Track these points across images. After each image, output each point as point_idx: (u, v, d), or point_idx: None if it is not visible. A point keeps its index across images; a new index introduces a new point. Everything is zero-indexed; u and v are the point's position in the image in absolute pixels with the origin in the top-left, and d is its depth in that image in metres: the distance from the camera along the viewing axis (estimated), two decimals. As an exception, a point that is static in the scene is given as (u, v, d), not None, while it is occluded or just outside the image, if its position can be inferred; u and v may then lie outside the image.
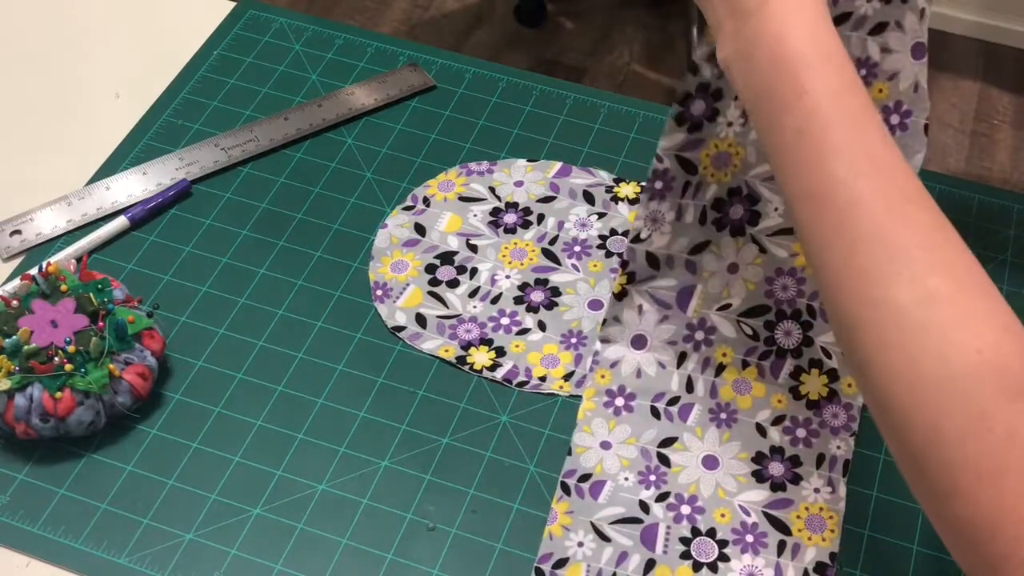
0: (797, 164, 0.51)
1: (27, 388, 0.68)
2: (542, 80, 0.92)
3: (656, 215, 0.69)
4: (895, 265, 0.48)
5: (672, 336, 0.72)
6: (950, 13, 2.11)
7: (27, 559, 0.66)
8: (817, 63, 0.51)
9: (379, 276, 0.79)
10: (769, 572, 0.65)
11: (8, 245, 0.80)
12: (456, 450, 0.71)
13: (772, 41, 0.51)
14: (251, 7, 0.97)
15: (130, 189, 0.83)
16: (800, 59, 0.51)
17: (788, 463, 0.69)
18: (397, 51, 0.94)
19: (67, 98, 0.91)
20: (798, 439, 0.70)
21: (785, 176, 0.52)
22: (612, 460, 0.69)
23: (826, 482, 0.69)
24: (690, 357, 0.72)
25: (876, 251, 0.48)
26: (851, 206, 0.49)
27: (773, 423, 0.71)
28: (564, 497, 0.68)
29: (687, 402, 0.71)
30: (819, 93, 0.50)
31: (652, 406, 0.71)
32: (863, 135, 0.50)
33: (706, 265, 0.71)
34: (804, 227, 0.51)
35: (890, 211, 0.49)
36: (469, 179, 0.85)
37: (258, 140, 0.87)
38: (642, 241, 0.70)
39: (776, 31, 0.51)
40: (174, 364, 0.74)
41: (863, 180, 0.49)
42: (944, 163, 1.88)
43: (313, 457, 0.70)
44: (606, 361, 0.73)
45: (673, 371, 0.72)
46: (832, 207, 0.49)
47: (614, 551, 0.66)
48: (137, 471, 0.70)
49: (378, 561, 0.66)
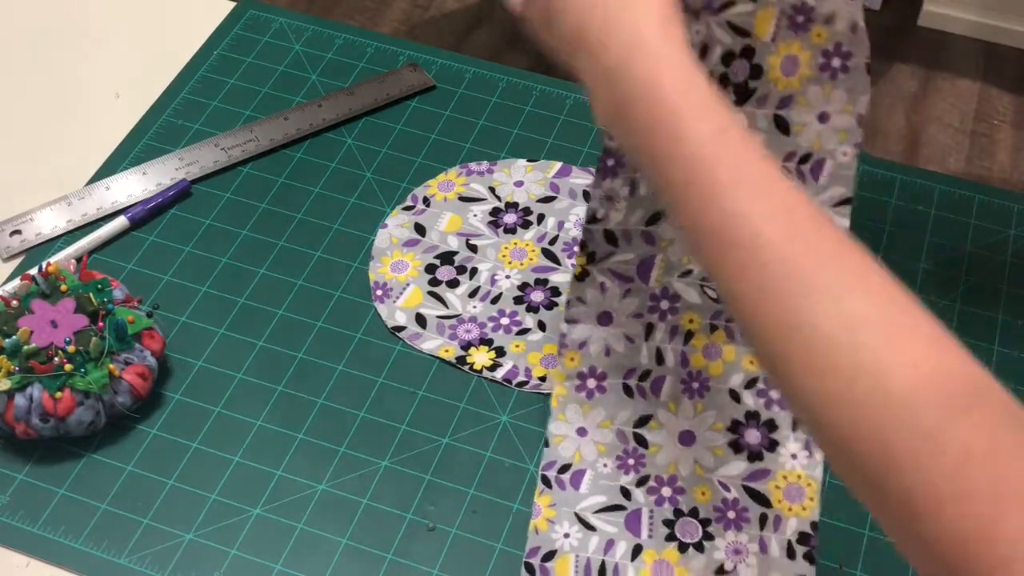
0: (693, 211, 0.50)
1: (27, 388, 0.68)
2: (542, 80, 0.92)
3: (611, 192, 0.68)
4: (810, 294, 0.47)
5: (637, 308, 0.71)
6: (950, 13, 2.11)
7: (27, 559, 0.66)
8: (690, 109, 0.50)
9: (379, 276, 0.79)
10: (754, 547, 0.65)
11: (8, 245, 0.80)
12: (456, 450, 0.71)
13: (644, 98, 0.51)
14: (251, 7, 0.97)
15: (130, 189, 0.83)
16: (673, 109, 0.50)
17: (764, 428, 0.69)
18: (397, 51, 0.94)
19: (67, 98, 0.91)
20: (772, 401, 0.69)
21: (685, 223, 0.51)
22: (589, 447, 0.69)
23: (803, 446, 0.69)
24: (657, 327, 0.71)
25: (788, 284, 0.47)
26: (752, 242, 0.48)
27: (746, 387, 0.70)
28: (546, 490, 0.68)
29: (659, 375, 0.70)
30: (699, 137, 0.50)
31: (624, 384, 0.71)
32: (749, 169, 0.50)
33: (663, 234, 0.70)
34: (713, 268, 0.50)
35: (793, 241, 0.48)
36: (469, 179, 0.85)
37: (258, 140, 0.87)
38: (599, 221, 0.69)
39: (645, 88, 0.51)
40: (174, 364, 0.74)
41: (758, 214, 0.48)
42: (944, 163, 1.88)
43: (313, 457, 0.70)
44: (574, 343, 0.71)
45: (642, 344, 0.71)
46: (734, 246, 0.49)
47: (600, 540, 0.66)
48: (137, 471, 0.70)
49: (378, 561, 0.66)
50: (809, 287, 0.47)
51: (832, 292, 0.47)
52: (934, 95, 2.01)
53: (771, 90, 0.66)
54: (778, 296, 0.47)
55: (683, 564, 0.66)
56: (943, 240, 0.82)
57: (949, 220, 0.83)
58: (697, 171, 0.50)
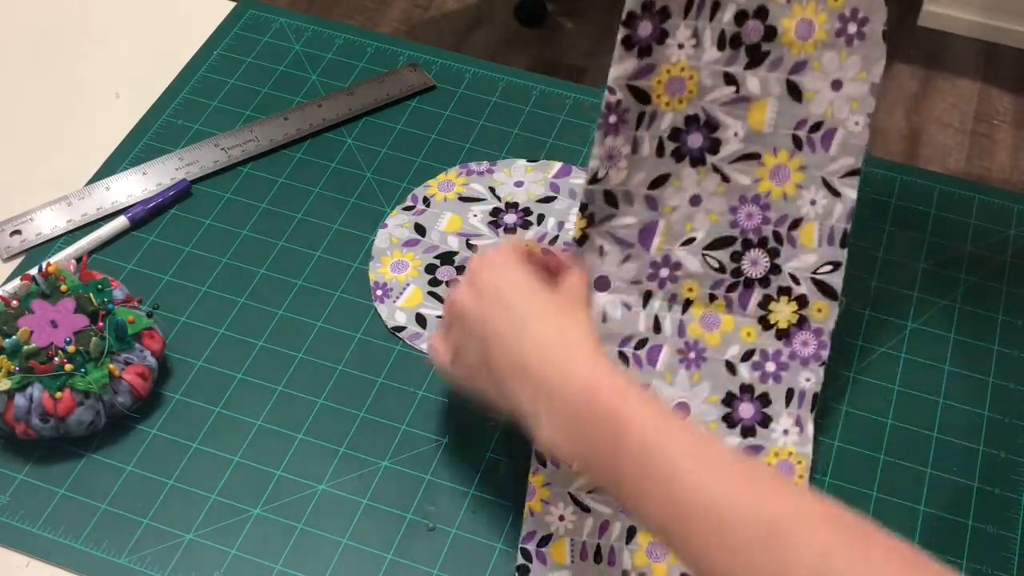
0: (649, 496, 0.53)
1: (27, 388, 0.68)
2: (542, 80, 0.92)
3: (612, 151, 0.66)
4: (786, 555, 0.48)
5: (636, 275, 0.69)
6: (950, 13, 2.11)
7: (27, 559, 0.66)
8: (629, 402, 0.55)
9: (379, 276, 0.79)
10: None
11: (8, 245, 0.80)
12: (456, 450, 0.71)
13: (584, 404, 0.56)
14: (251, 7, 0.97)
15: (130, 189, 0.83)
16: (614, 407, 0.55)
17: (758, 403, 0.69)
18: (397, 51, 0.94)
19: (67, 98, 0.91)
20: (767, 375, 0.70)
21: (645, 510, 0.54)
22: None
23: (795, 421, 0.69)
24: (655, 295, 0.70)
25: (764, 551, 0.49)
26: (711, 512, 0.50)
27: (743, 359, 0.70)
28: (540, 469, 0.67)
29: (655, 343, 0.69)
30: (643, 423, 0.54)
31: (620, 351, 0.69)
32: (691, 446, 0.53)
33: (667, 200, 0.68)
34: (680, 546, 0.52)
35: (757, 510, 0.50)
36: (469, 179, 0.85)
37: (258, 140, 0.87)
38: (599, 181, 0.66)
39: (584, 394, 0.56)
40: (174, 364, 0.74)
41: (713, 487, 0.51)
42: (944, 163, 1.88)
43: (313, 457, 0.70)
44: None
45: (639, 311, 0.69)
46: (700, 519, 0.51)
47: (595, 521, 0.66)
48: (137, 471, 0.70)
49: (378, 561, 0.66)
50: (785, 550, 0.49)
51: (810, 552, 0.48)
52: (934, 95, 2.01)
53: (784, 54, 0.65)
54: (751, 560, 0.49)
55: None
56: (943, 240, 0.82)
57: (949, 220, 0.83)
58: (652, 453, 0.53)
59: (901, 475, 0.70)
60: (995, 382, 0.74)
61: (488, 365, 0.61)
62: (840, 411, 0.73)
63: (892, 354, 0.75)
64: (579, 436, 0.56)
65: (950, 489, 0.69)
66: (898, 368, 0.75)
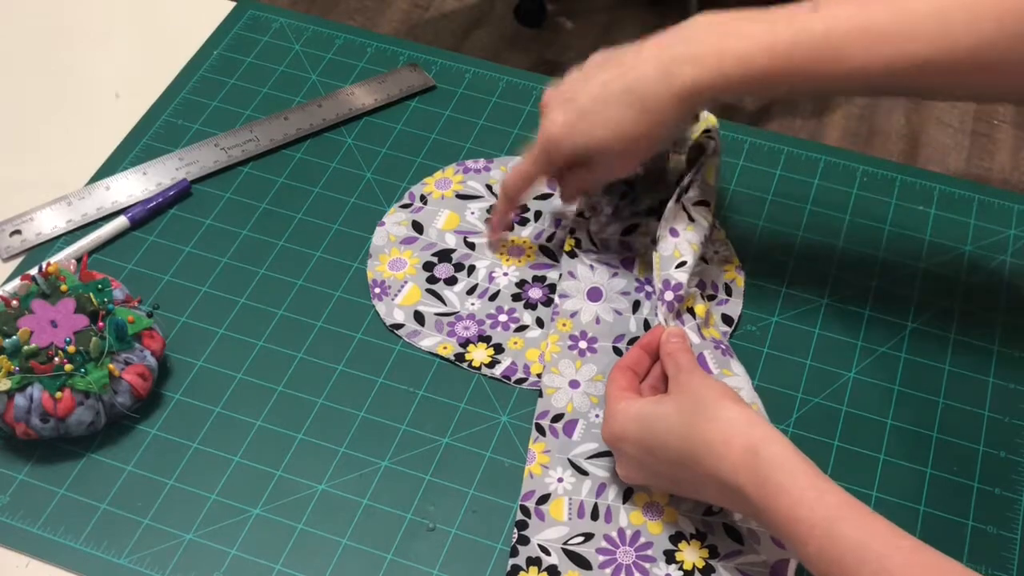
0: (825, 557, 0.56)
1: (27, 388, 0.68)
2: (542, 80, 0.92)
3: (596, 204, 0.80)
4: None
5: (625, 288, 0.77)
6: (950, 13, 2.10)
7: (27, 559, 0.66)
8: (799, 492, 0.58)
9: (377, 274, 0.79)
10: None
11: (8, 245, 0.80)
12: (456, 450, 0.71)
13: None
14: (251, 7, 0.97)
15: (130, 189, 0.83)
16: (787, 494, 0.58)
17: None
18: (397, 51, 0.94)
19: (67, 98, 0.91)
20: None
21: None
22: (582, 399, 0.72)
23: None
24: (644, 304, 0.77)
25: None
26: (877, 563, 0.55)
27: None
28: (540, 438, 0.70)
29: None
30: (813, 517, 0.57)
31: (614, 347, 0.75)
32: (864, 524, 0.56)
33: (638, 247, 0.79)
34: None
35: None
36: (466, 177, 0.85)
37: (258, 140, 0.87)
38: (586, 219, 0.79)
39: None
40: (174, 364, 0.74)
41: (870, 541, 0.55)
42: (944, 163, 1.88)
43: (313, 457, 0.70)
44: (565, 312, 0.76)
45: (630, 316, 0.76)
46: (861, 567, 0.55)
47: (593, 483, 0.68)
48: (137, 471, 0.70)
49: (378, 561, 0.66)
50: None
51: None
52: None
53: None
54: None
55: (672, 505, 0.67)
56: (943, 240, 0.82)
57: (949, 220, 0.83)
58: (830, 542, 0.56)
59: (901, 475, 0.70)
60: (995, 382, 0.74)
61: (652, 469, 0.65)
62: (840, 411, 0.73)
63: (892, 354, 0.75)
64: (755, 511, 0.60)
65: (950, 489, 0.69)
66: (898, 368, 0.75)
